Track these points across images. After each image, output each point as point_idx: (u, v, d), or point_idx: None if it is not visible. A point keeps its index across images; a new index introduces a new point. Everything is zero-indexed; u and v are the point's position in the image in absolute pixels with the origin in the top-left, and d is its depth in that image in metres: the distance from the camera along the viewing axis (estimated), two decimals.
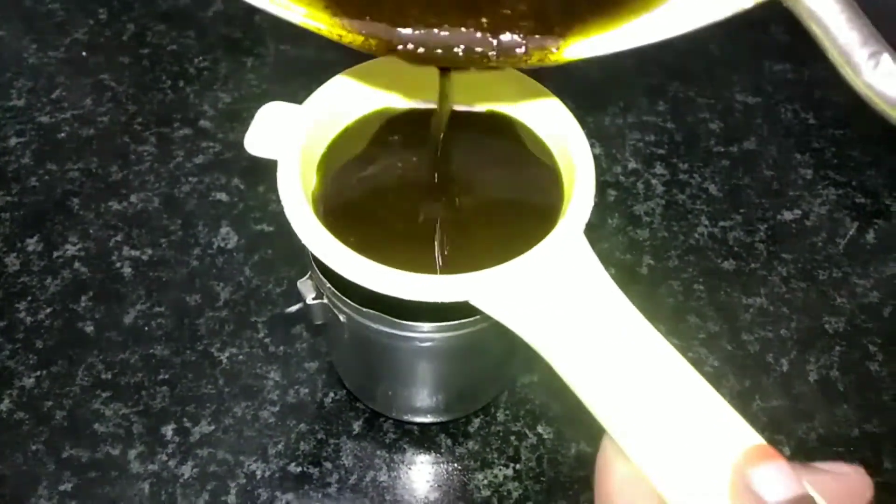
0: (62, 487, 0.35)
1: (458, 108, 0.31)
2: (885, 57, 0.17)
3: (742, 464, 0.21)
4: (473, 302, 0.24)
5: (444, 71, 0.26)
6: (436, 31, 0.22)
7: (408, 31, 0.22)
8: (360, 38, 0.23)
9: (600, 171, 0.47)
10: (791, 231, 0.45)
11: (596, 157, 0.48)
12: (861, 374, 0.40)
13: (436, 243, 0.28)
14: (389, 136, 0.31)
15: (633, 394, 0.23)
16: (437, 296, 0.24)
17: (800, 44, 0.54)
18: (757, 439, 0.22)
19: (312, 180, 0.29)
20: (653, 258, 0.43)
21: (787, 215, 0.46)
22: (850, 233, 0.45)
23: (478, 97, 0.31)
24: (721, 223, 0.45)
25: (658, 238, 0.44)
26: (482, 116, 0.31)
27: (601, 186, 0.46)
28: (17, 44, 0.52)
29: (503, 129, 0.31)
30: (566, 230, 0.25)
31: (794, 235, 0.45)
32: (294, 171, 0.27)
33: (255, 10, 0.56)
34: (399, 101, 0.31)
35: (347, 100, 0.30)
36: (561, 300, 0.24)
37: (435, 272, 0.26)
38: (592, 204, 0.26)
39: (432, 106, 0.30)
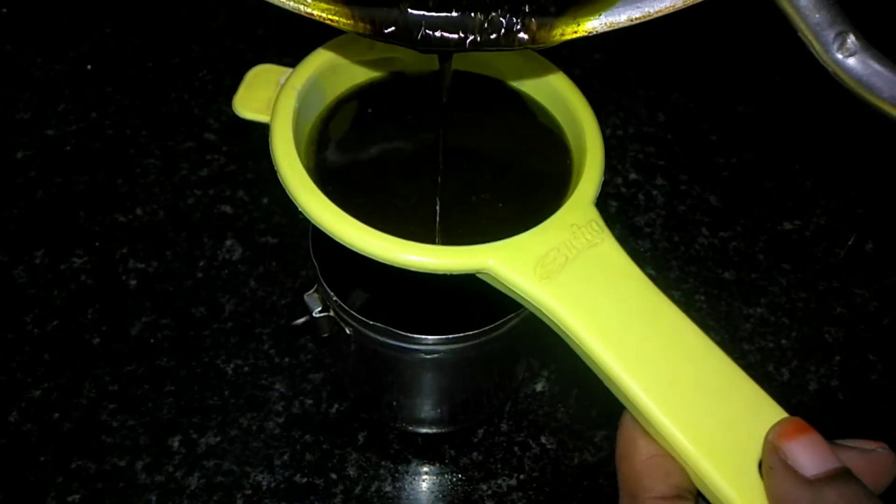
0: (70, 499, 0.35)
1: (463, 70, 0.30)
2: (851, 37, 0.19)
3: (776, 437, 0.20)
4: (491, 271, 0.24)
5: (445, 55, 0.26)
6: (434, 15, 0.22)
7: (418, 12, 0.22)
8: (362, 25, 0.22)
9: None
10: (791, 241, 0.45)
11: None
12: (861, 383, 0.40)
13: (441, 216, 0.27)
14: (390, 103, 0.30)
15: (655, 364, 0.22)
16: (454, 266, 0.24)
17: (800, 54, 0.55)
18: (784, 414, 0.22)
19: (310, 148, 0.27)
20: (654, 269, 0.44)
21: (787, 225, 0.46)
22: (850, 243, 0.46)
23: (481, 67, 0.31)
24: (721, 234, 0.45)
25: (659, 249, 0.45)
26: (487, 84, 0.31)
27: (602, 198, 0.47)
28: (23, 57, 0.52)
29: (509, 98, 0.30)
30: (579, 201, 0.25)
31: (794, 245, 0.45)
32: (287, 133, 0.25)
33: (258, 23, 0.56)
34: (401, 65, 0.30)
35: (345, 63, 0.29)
36: (574, 270, 0.24)
37: (444, 242, 0.25)
38: (602, 175, 0.27)
39: (435, 69, 0.29)
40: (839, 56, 0.19)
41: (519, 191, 0.28)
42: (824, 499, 0.19)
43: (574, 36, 0.22)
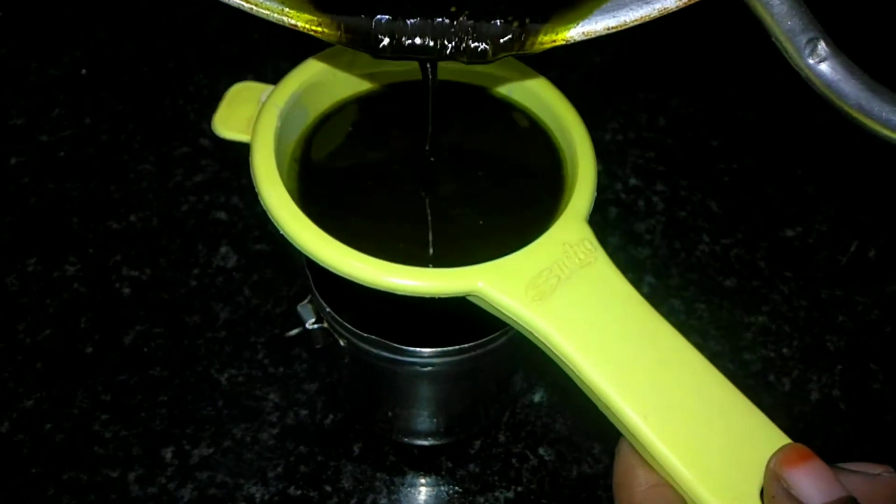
0: None
1: (447, 78, 0.29)
2: (821, 43, 0.20)
3: (777, 465, 0.20)
4: (473, 297, 0.24)
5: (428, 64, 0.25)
6: (411, 23, 0.22)
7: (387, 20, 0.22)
8: (342, 36, 0.22)
9: (601, 188, 0.47)
10: (793, 248, 0.45)
11: (597, 174, 0.48)
12: (863, 393, 0.39)
13: (430, 234, 0.26)
14: (376, 118, 0.29)
15: (650, 388, 0.22)
16: (442, 289, 0.23)
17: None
18: (786, 439, 0.21)
19: (292, 167, 0.27)
20: (654, 276, 0.43)
21: (789, 232, 0.46)
22: (852, 250, 0.45)
23: (472, 77, 0.30)
24: (722, 240, 0.45)
25: (659, 256, 0.44)
26: (479, 96, 0.30)
27: (602, 204, 0.46)
28: (16, 63, 0.52)
29: (502, 110, 0.30)
30: (568, 219, 0.24)
31: (796, 252, 0.45)
32: (269, 155, 0.25)
33: (253, 28, 0.55)
34: (386, 79, 0.30)
35: (328, 79, 0.28)
36: (570, 291, 0.23)
37: (430, 264, 0.24)
38: (594, 191, 0.26)
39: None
40: (810, 61, 0.19)
41: (511, 206, 0.27)
42: None
43: (552, 45, 0.22)
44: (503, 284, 0.23)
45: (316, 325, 0.31)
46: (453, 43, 0.22)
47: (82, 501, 0.35)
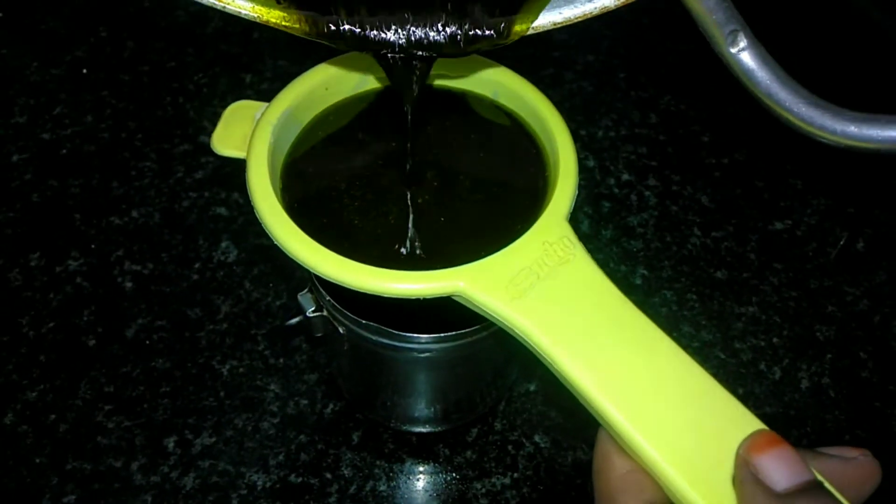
0: (65, 500, 0.35)
1: (432, 82, 0.30)
2: (741, 35, 0.22)
3: (746, 451, 0.20)
4: (458, 297, 0.24)
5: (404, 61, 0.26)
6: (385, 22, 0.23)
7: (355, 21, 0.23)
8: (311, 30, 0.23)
9: (594, 183, 0.48)
10: (782, 241, 0.46)
11: (590, 170, 0.49)
12: (852, 381, 0.40)
13: (416, 236, 0.27)
14: (362, 124, 0.30)
15: (629, 382, 0.22)
16: (424, 290, 0.24)
17: (789, 57, 0.55)
18: (759, 425, 0.21)
19: (285, 179, 0.28)
20: (647, 269, 0.44)
21: (779, 225, 0.46)
22: (841, 242, 0.46)
23: (456, 82, 0.31)
24: (713, 233, 0.46)
25: (652, 249, 0.45)
26: (464, 99, 0.31)
27: (595, 199, 0.47)
28: (18, 62, 0.53)
29: (488, 113, 0.30)
30: (549, 219, 0.25)
31: (786, 245, 0.46)
32: (263, 170, 0.26)
33: (253, 27, 0.56)
34: (373, 86, 0.31)
35: (319, 94, 0.30)
36: (547, 290, 0.24)
37: (416, 266, 0.25)
38: (575, 191, 0.27)
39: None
40: (731, 50, 0.22)
41: (496, 206, 0.28)
42: None
43: (505, 42, 0.23)
44: (484, 284, 0.24)
45: (316, 314, 0.32)
46: (419, 36, 0.23)
47: (86, 491, 0.35)
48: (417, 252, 0.27)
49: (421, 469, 0.37)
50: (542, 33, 0.25)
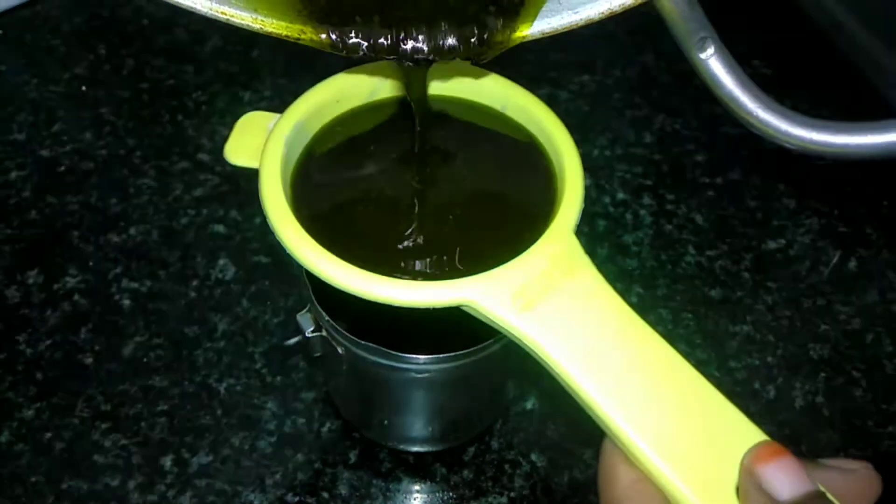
0: None
1: (441, 94, 0.31)
2: (709, 42, 0.23)
3: (751, 462, 0.21)
4: (466, 307, 0.25)
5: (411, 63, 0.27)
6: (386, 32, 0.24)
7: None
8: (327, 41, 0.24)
9: (590, 201, 0.48)
10: (776, 260, 0.46)
11: (585, 188, 0.49)
12: (845, 399, 0.41)
13: (426, 248, 0.28)
14: (372, 138, 0.31)
15: (634, 394, 0.23)
16: (429, 301, 0.24)
17: (782, 77, 0.56)
18: (762, 436, 0.22)
19: (296, 189, 0.28)
20: (642, 287, 0.45)
21: (772, 244, 0.47)
22: (834, 261, 0.47)
23: (461, 91, 0.31)
24: (708, 252, 0.46)
25: (647, 267, 0.45)
26: (472, 110, 0.31)
27: (591, 217, 0.48)
28: (18, 78, 0.53)
29: (497, 125, 0.31)
30: (557, 231, 0.26)
31: (779, 264, 0.46)
32: (276, 180, 0.26)
33: (252, 45, 0.56)
34: (383, 95, 0.31)
35: (331, 105, 0.30)
36: (555, 301, 0.24)
37: (426, 277, 0.25)
38: (582, 204, 0.27)
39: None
40: (700, 55, 0.23)
41: (505, 218, 0.29)
42: None
43: (509, 45, 0.25)
44: (492, 295, 0.24)
45: (315, 334, 0.32)
46: (426, 44, 0.24)
47: None
48: (427, 262, 0.27)
49: (417, 488, 0.37)
50: (540, 45, 0.26)
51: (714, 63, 0.23)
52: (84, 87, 0.53)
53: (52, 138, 0.50)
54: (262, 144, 0.28)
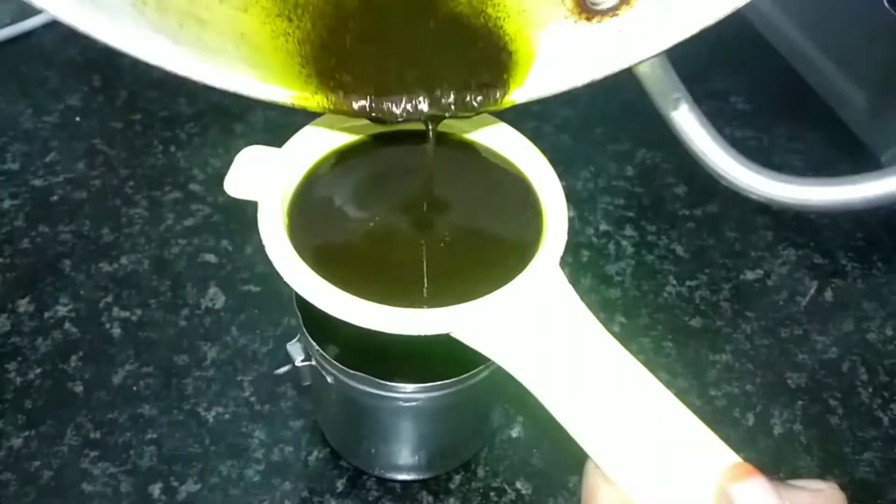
0: None
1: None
2: (682, 102, 0.26)
3: (724, 482, 0.22)
4: (455, 334, 0.26)
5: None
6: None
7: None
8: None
9: (573, 233, 0.50)
10: (754, 290, 0.48)
11: (569, 220, 0.50)
12: (823, 427, 0.42)
13: (416, 277, 0.28)
14: (366, 171, 0.32)
15: (614, 418, 0.24)
16: (420, 329, 0.25)
17: (759, 112, 0.58)
18: (735, 458, 0.23)
19: (292, 220, 0.29)
20: (624, 316, 0.46)
21: (750, 275, 0.48)
22: (810, 292, 0.48)
23: (451, 126, 0.32)
24: (688, 282, 0.47)
25: (629, 297, 0.47)
26: (463, 146, 0.32)
27: (575, 248, 0.49)
28: (12, 109, 0.54)
29: (488, 161, 0.32)
30: (542, 263, 0.27)
31: (757, 294, 0.47)
32: (274, 212, 0.27)
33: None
34: (375, 133, 0.32)
35: (326, 141, 0.31)
36: (540, 329, 0.25)
37: (417, 306, 0.26)
38: (566, 237, 0.28)
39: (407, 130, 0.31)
40: (673, 113, 0.25)
41: (492, 249, 0.30)
42: None
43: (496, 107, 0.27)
44: (478, 325, 0.25)
45: (304, 363, 0.33)
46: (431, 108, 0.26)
47: None
48: (417, 291, 0.28)
49: None
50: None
51: (685, 120, 0.25)
52: (78, 118, 0.54)
53: (46, 168, 0.50)
54: (261, 177, 0.29)
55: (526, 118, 0.56)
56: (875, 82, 0.55)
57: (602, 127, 0.56)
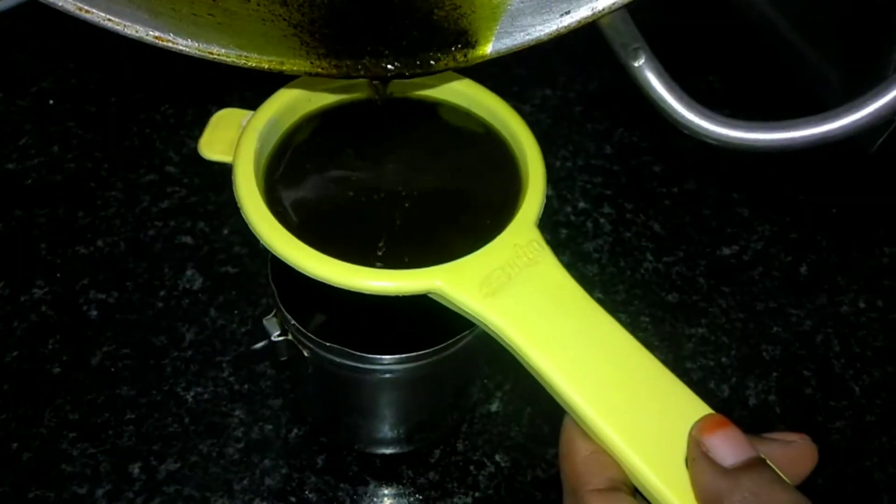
0: None
1: (410, 93, 0.32)
2: (641, 52, 0.26)
3: (697, 432, 0.22)
4: (439, 291, 0.26)
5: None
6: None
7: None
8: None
9: (552, 211, 0.50)
10: (730, 265, 0.48)
11: (548, 198, 0.50)
12: (796, 397, 0.42)
13: (395, 238, 0.29)
14: (341, 134, 0.32)
15: (591, 371, 0.24)
16: (406, 287, 0.26)
17: (735, 91, 0.58)
18: (708, 410, 0.24)
19: (268, 183, 0.29)
20: (602, 292, 0.46)
21: (726, 251, 0.49)
22: (785, 266, 0.49)
23: (429, 90, 0.33)
24: (665, 259, 0.48)
25: (607, 273, 0.47)
26: (445, 110, 0.33)
27: (553, 226, 0.49)
28: None
29: (468, 125, 0.32)
30: (522, 223, 0.27)
31: (733, 269, 0.48)
32: (249, 174, 0.27)
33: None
34: (353, 93, 0.32)
35: (303, 100, 0.31)
36: (520, 287, 0.26)
37: (394, 266, 0.27)
38: (544, 198, 0.29)
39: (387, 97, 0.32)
40: (633, 63, 0.26)
41: (472, 211, 0.30)
42: (740, 485, 0.21)
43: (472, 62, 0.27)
44: (459, 283, 0.26)
45: (281, 338, 0.33)
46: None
47: None
48: (396, 253, 0.28)
49: (385, 491, 0.38)
50: (504, 61, 0.27)
51: (644, 70, 0.26)
52: (51, 101, 0.53)
53: (19, 152, 0.50)
54: (236, 139, 0.28)
55: (505, 97, 0.56)
56: (849, 59, 0.55)
57: (580, 106, 0.56)
